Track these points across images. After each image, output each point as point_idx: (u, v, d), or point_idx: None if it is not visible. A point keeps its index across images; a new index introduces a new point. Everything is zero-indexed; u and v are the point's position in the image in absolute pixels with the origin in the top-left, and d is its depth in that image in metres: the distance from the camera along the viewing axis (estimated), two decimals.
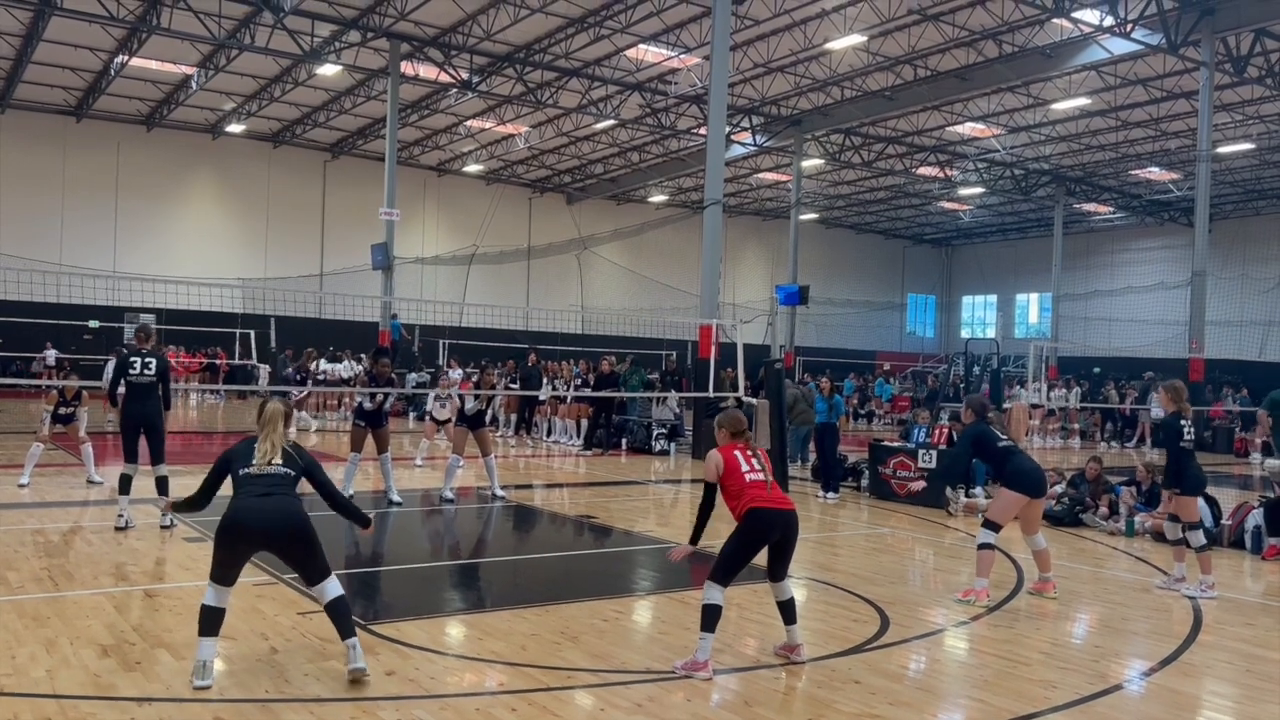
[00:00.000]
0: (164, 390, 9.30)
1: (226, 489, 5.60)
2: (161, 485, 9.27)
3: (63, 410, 12.39)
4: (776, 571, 6.01)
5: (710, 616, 5.68)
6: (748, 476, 5.86)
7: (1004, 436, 8.10)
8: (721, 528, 6.16)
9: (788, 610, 6.03)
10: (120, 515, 9.29)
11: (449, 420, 15.60)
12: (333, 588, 5.36)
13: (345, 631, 5.30)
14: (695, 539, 6.06)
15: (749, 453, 6.01)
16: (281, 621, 6.40)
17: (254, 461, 5.45)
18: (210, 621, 5.26)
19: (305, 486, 5.63)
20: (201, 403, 29.34)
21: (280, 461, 5.47)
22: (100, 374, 21.48)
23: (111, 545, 8.70)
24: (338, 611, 5.33)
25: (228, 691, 5.11)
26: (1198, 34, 22.82)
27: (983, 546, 7.78)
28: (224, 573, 5.35)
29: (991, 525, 7.86)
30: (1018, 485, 7.83)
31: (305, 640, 6.03)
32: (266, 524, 5.27)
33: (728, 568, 5.80)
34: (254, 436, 5.61)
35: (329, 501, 5.81)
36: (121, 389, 9.50)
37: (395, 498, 11.51)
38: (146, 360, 9.14)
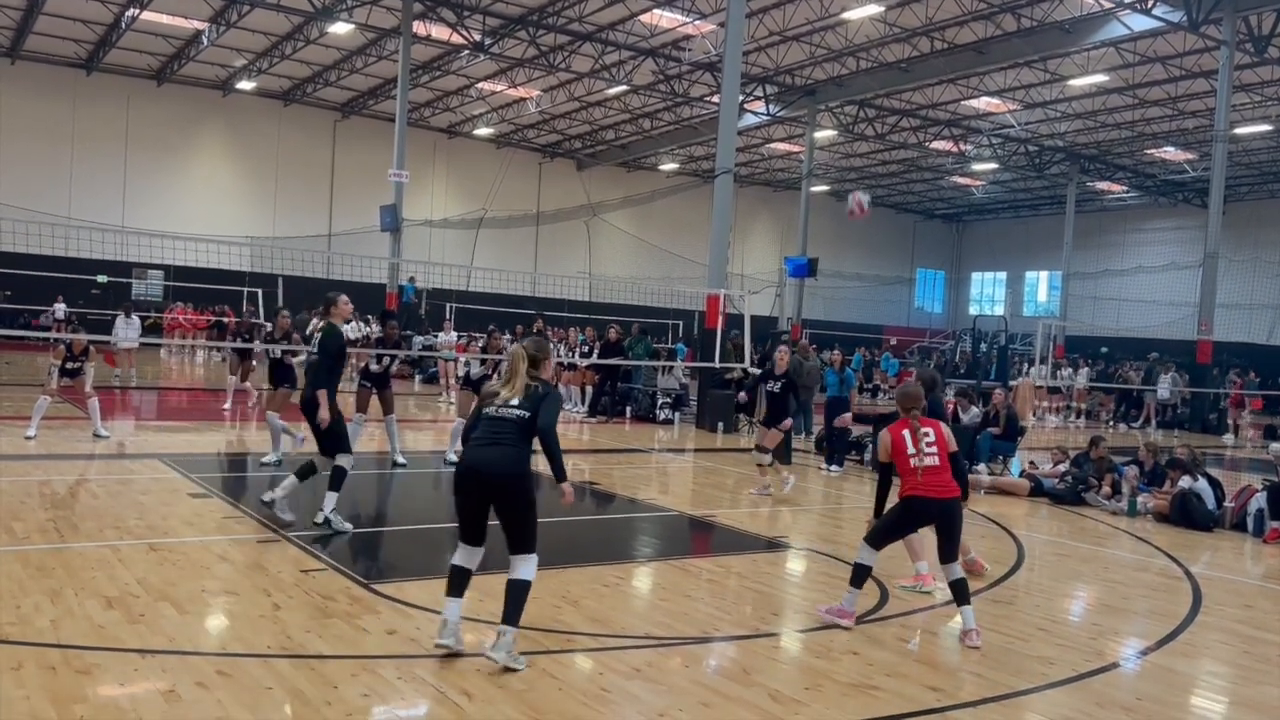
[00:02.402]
0: (328, 367, 7.94)
1: None
2: (337, 477, 7.93)
3: (69, 365, 12.42)
4: (943, 554, 6.19)
5: (858, 574, 6.19)
6: (911, 461, 6.12)
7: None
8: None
9: (957, 591, 6.11)
10: (273, 493, 8.02)
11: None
12: (526, 568, 5.10)
13: (506, 616, 5.02)
14: (877, 512, 6.52)
15: (917, 432, 6.18)
16: (284, 578, 6.44)
17: (496, 401, 5.25)
18: (454, 581, 5.16)
19: None
20: (208, 360, 29.40)
21: (516, 402, 5.20)
22: (109, 329, 21.52)
23: (116, 499, 8.75)
24: (512, 592, 5.06)
25: (229, 646, 5.15)
26: (1219, 12, 22.52)
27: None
28: (464, 528, 5.23)
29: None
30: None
31: (308, 598, 6.06)
32: (484, 474, 5.10)
33: (881, 538, 6.31)
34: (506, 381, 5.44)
35: (542, 442, 5.21)
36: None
37: (400, 459, 11.54)
38: (313, 339, 8.27)
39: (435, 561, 7.61)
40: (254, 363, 16.14)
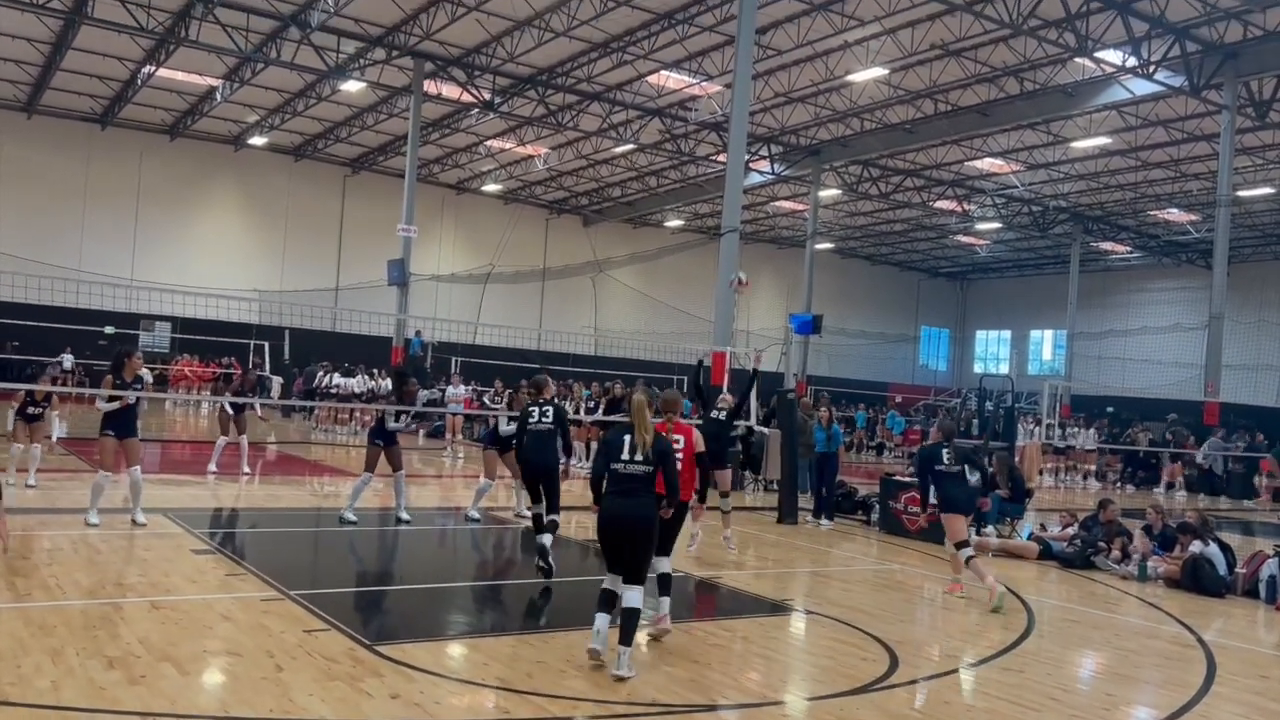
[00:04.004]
0: (564, 437, 9.34)
1: None
2: (552, 528, 9.08)
3: (31, 410, 12.18)
4: (660, 545, 6.92)
5: (662, 584, 7.07)
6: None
7: (950, 463, 9.59)
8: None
9: (661, 584, 7.03)
10: (542, 563, 8.83)
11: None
12: (636, 598, 6.16)
13: (623, 639, 6.05)
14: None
15: (670, 436, 6.98)
16: (288, 639, 6.37)
17: (623, 457, 6.24)
18: (603, 600, 6.26)
19: None
20: (212, 412, 29.39)
21: (641, 459, 6.21)
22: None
23: (119, 554, 8.70)
24: (627, 620, 6.10)
25: (232, 708, 5.08)
26: (1220, 77, 22.82)
27: (968, 560, 9.47)
28: (611, 563, 6.29)
29: (958, 545, 9.55)
30: (947, 508, 9.58)
31: (311, 659, 5.99)
32: (625, 524, 6.18)
33: (661, 543, 6.96)
34: (626, 425, 6.40)
35: (668, 485, 6.42)
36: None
37: (404, 516, 11.49)
38: (544, 409, 9.32)
39: (439, 623, 7.55)
40: (244, 415, 15.83)
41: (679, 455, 7.10)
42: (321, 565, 9.87)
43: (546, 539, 8.93)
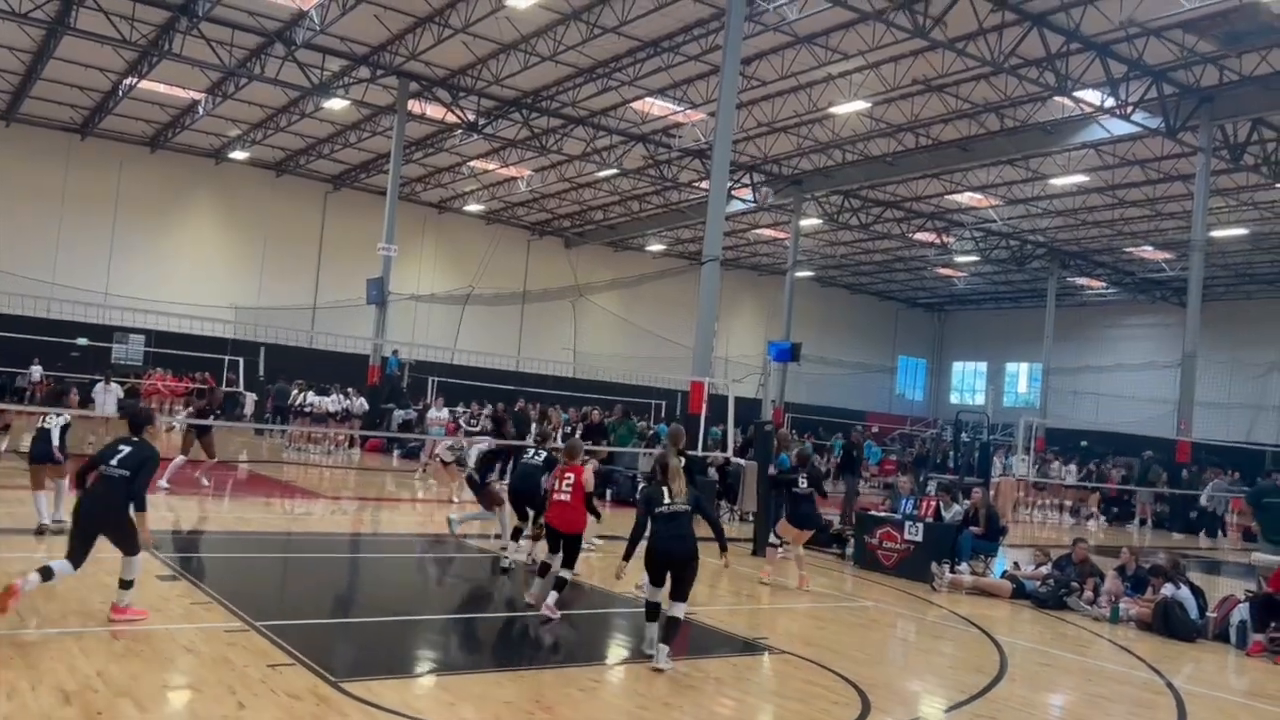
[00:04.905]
0: (547, 469, 10.56)
1: None
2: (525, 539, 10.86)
3: None
4: (565, 561, 8.71)
5: (543, 570, 8.99)
6: (555, 495, 8.76)
7: (805, 487, 11.50)
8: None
9: (543, 569, 8.99)
10: (507, 558, 10.91)
11: (452, 464, 15.68)
12: (681, 610, 7.43)
13: (664, 638, 7.28)
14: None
15: (563, 476, 8.75)
16: (250, 674, 6.25)
17: (665, 502, 7.55)
18: (650, 611, 7.58)
19: None
20: (184, 429, 29.01)
21: (683, 501, 7.57)
22: (85, 395, 21.25)
23: (81, 580, 8.49)
24: (671, 625, 7.35)
25: None
26: (1196, 120, 23.12)
27: (770, 544, 11.82)
28: (658, 583, 7.55)
29: (779, 537, 11.65)
30: (794, 521, 11.46)
31: (274, 696, 5.87)
32: (676, 556, 7.44)
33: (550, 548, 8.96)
34: (660, 482, 7.70)
35: (710, 525, 7.86)
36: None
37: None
38: (538, 450, 11.19)
39: (408, 659, 7.43)
40: (210, 437, 15.62)
41: (569, 491, 8.58)
42: (290, 594, 9.73)
43: (517, 552, 10.66)
